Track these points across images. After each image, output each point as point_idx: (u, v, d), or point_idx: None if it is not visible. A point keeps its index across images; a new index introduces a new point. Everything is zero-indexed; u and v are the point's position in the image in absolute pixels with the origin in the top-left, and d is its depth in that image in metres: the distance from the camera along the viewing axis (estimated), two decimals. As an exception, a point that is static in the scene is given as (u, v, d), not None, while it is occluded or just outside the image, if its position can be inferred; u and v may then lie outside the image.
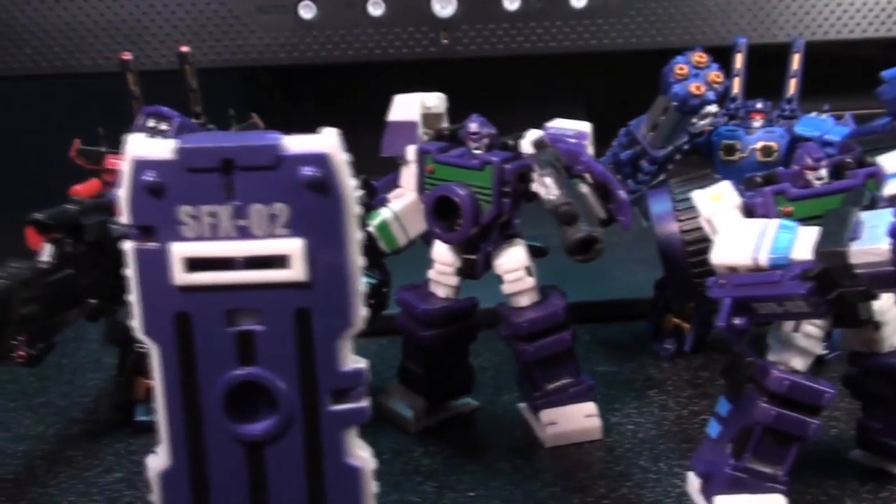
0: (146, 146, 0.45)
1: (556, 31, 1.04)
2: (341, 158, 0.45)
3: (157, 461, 0.48)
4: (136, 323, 0.46)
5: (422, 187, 0.67)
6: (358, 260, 0.46)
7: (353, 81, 1.17)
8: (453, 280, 0.68)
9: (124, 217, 0.46)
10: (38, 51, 0.99)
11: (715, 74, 0.65)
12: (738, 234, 0.55)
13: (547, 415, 0.68)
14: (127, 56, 0.74)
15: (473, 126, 0.65)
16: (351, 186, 0.45)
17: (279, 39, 1.02)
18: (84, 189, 0.67)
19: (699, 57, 0.65)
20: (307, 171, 0.44)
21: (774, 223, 0.54)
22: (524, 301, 0.68)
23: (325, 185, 0.45)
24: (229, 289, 0.46)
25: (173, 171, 0.45)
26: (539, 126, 0.66)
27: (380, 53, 1.03)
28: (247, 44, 1.01)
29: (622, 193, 0.59)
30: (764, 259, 0.53)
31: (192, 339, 0.46)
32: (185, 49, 0.75)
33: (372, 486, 0.48)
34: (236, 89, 1.48)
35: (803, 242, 0.52)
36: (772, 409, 0.55)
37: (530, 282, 0.67)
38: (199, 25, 1.00)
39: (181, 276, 0.45)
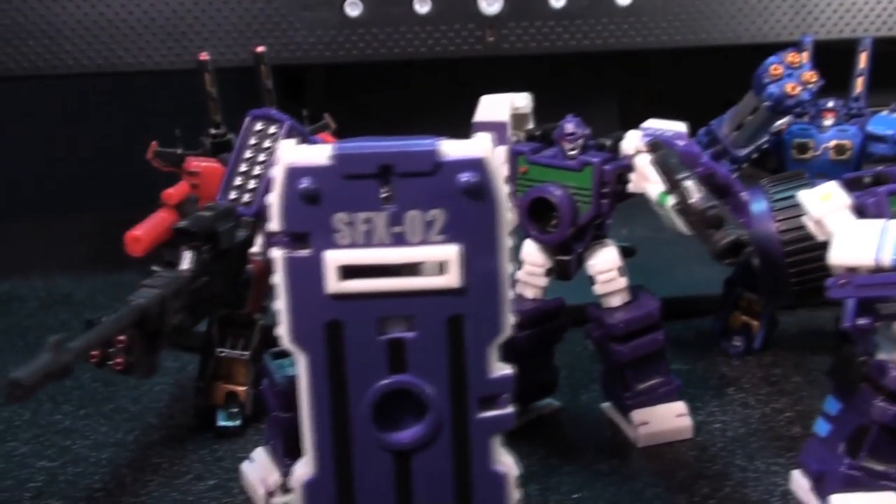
0: (300, 153, 0.44)
1: (601, 29, 1.03)
2: (496, 163, 0.44)
3: (302, 470, 0.47)
4: (282, 331, 0.46)
5: (514, 189, 0.67)
6: (508, 266, 0.46)
7: (372, 81, 1.16)
8: (542, 281, 0.68)
9: (274, 224, 0.45)
10: (79, 48, 0.97)
11: (809, 74, 0.65)
12: (857, 235, 0.55)
13: (639, 415, 0.68)
14: (204, 56, 0.73)
15: (570, 126, 0.65)
16: (505, 192, 0.45)
17: (325, 38, 1.01)
18: (176, 192, 0.65)
19: (793, 57, 0.66)
20: (465, 176, 0.44)
21: (894, 223, 0.55)
22: (616, 301, 0.67)
23: (481, 191, 0.44)
24: (382, 296, 0.45)
25: (329, 178, 0.44)
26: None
27: (426, 51, 1.02)
28: (292, 42, 1.00)
29: (744, 195, 0.59)
30: (888, 259, 0.53)
31: (342, 348, 0.46)
32: (260, 49, 0.74)
33: (516, 493, 0.48)
34: (236, 90, 1.47)
35: (927, 242, 0.52)
36: (890, 408, 0.55)
37: (623, 282, 0.67)
38: (245, 24, 0.99)
39: (334, 284, 0.45)
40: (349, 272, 0.45)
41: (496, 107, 0.69)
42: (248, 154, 0.58)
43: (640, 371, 0.68)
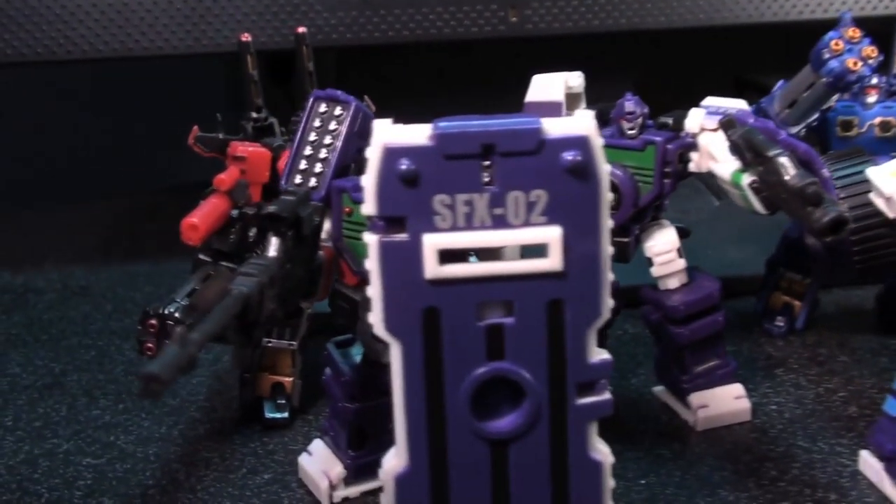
0: (398, 132, 0.42)
1: (625, 8, 1.02)
2: (599, 142, 0.43)
3: (393, 463, 0.46)
4: (375, 319, 0.44)
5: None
6: (609, 248, 0.44)
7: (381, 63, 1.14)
8: (598, 263, 0.67)
9: (369, 207, 0.43)
10: (95, 32, 0.95)
11: (870, 49, 0.65)
12: (934, 211, 0.55)
13: (697, 398, 0.67)
14: (246, 37, 0.70)
15: (630, 105, 0.64)
16: (607, 171, 0.43)
17: (346, 19, 0.98)
18: (228, 178, 0.63)
19: (853, 32, 0.65)
20: (569, 155, 0.42)
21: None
22: (674, 283, 0.66)
23: (585, 170, 0.43)
24: (481, 281, 0.44)
25: (429, 159, 0.42)
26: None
27: (449, 32, 1.00)
28: (313, 24, 0.98)
29: (826, 171, 0.58)
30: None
31: (439, 335, 0.44)
32: (301, 30, 0.72)
33: (611, 481, 0.47)
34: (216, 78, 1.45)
35: None
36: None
37: (681, 263, 0.66)
38: (264, 6, 0.97)
39: (433, 269, 0.43)
40: (447, 256, 0.43)
41: (550, 86, 0.67)
42: (312, 137, 0.56)
43: (699, 353, 0.67)
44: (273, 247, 0.46)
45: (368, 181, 0.43)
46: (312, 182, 0.55)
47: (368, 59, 1.15)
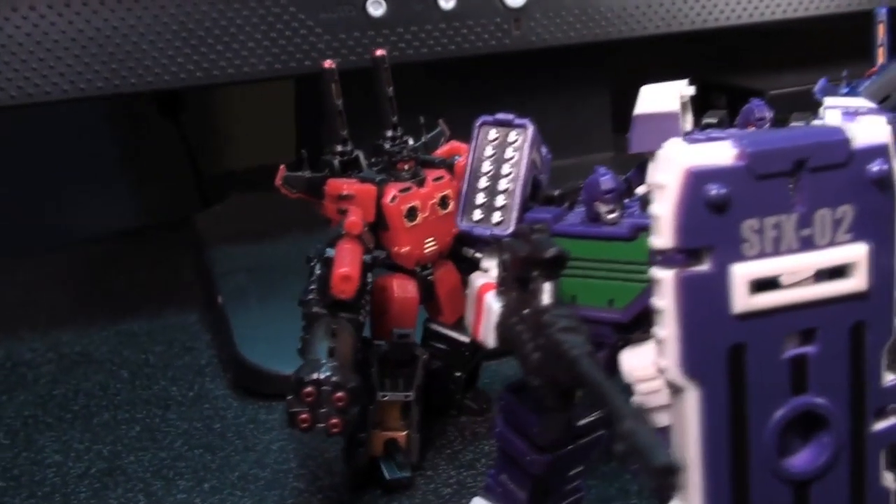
0: (700, 154, 0.38)
1: (626, 16, 1.01)
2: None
3: (687, 517, 0.41)
4: (670, 362, 0.40)
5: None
6: (898, 261, 0.41)
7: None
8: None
9: (665, 240, 0.39)
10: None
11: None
12: None
13: None
14: (330, 64, 0.64)
15: (759, 111, 0.61)
16: (899, 181, 0.41)
17: (348, 41, 0.92)
18: (359, 221, 0.56)
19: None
20: (876, 165, 0.39)
21: None
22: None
23: (888, 181, 0.40)
24: (787, 310, 0.40)
25: (740, 181, 0.38)
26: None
27: (454, 49, 0.96)
28: (314, 48, 0.91)
29: None
30: None
31: (743, 373, 0.40)
32: (380, 52, 0.66)
33: (895, 509, 0.44)
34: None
35: None
36: None
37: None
38: (261, 31, 0.89)
39: (743, 302, 0.39)
40: (757, 286, 0.39)
41: (663, 96, 0.63)
42: (487, 167, 0.50)
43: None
44: (546, 293, 0.40)
45: (665, 210, 0.38)
46: (496, 217, 0.50)
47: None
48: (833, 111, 0.62)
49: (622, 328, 0.48)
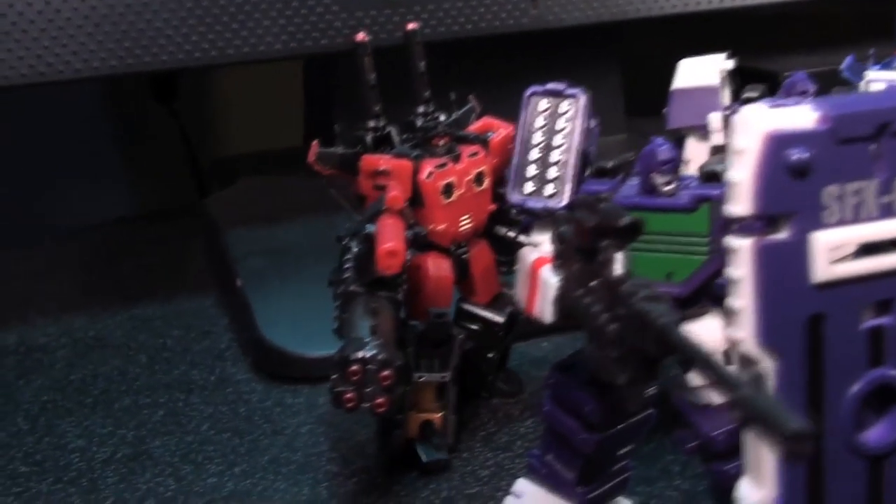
0: (781, 117, 0.37)
1: (640, -6, 0.99)
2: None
3: (761, 495, 0.40)
4: (746, 334, 0.38)
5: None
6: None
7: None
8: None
9: (742, 206, 0.37)
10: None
11: None
12: None
13: None
14: (362, 37, 0.62)
15: (801, 85, 0.60)
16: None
17: (365, 19, 0.90)
18: (402, 196, 0.55)
19: None
20: (956, 130, 0.38)
21: None
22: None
23: (970, 147, 0.39)
24: (866, 280, 0.39)
25: (822, 145, 0.37)
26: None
27: (471, 28, 0.94)
28: (330, 27, 0.89)
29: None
30: None
31: (821, 345, 0.39)
32: (412, 26, 0.65)
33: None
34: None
35: None
36: None
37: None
38: (276, 9, 0.87)
39: (824, 271, 0.38)
40: (837, 255, 0.38)
41: (702, 70, 0.63)
42: (538, 139, 0.49)
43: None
44: (619, 263, 0.39)
45: (744, 176, 0.37)
46: (549, 189, 0.48)
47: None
48: (878, 84, 0.61)
49: (681, 303, 0.47)
